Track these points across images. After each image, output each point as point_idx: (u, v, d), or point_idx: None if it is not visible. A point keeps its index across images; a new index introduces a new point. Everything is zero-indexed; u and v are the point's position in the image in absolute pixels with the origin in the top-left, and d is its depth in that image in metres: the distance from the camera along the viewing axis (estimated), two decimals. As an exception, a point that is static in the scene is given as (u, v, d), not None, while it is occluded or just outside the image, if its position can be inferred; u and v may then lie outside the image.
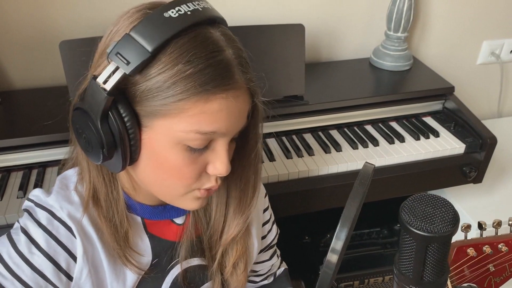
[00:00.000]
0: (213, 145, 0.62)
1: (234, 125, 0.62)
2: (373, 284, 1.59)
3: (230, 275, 0.80)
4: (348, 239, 0.58)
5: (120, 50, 0.55)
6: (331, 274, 0.49)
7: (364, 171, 0.52)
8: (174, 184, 0.64)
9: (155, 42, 0.55)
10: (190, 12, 0.57)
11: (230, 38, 0.61)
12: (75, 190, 0.70)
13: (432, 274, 0.52)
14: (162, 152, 0.61)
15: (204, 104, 0.57)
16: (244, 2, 1.43)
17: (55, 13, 1.31)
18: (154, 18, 0.56)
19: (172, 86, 0.56)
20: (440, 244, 0.49)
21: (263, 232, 0.88)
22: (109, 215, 0.69)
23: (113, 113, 0.57)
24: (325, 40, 1.59)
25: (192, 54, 0.56)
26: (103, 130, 0.58)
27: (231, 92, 0.58)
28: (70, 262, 0.68)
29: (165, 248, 0.76)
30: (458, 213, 0.49)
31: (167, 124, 0.58)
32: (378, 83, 1.50)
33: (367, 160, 1.26)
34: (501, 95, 1.89)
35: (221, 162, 0.62)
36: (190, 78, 0.56)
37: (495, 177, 1.59)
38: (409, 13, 1.47)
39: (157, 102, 0.57)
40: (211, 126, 0.59)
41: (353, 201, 0.49)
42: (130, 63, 0.55)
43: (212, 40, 0.58)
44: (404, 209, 0.51)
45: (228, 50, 0.59)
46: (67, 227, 0.67)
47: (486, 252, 0.72)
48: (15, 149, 1.13)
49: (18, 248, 0.65)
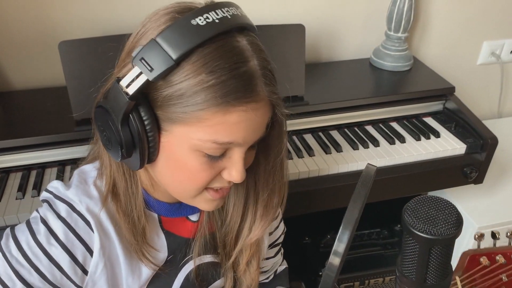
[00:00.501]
0: (230, 153, 0.62)
1: (251, 136, 0.62)
2: (373, 285, 1.59)
3: (243, 273, 0.81)
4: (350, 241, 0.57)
5: (145, 56, 0.55)
6: (333, 277, 0.48)
7: (366, 172, 0.51)
8: (189, 186, 0.65)
9: (180, 50, 0.54)
10: (218, 20, 0.56)
11: (257, 48, 0.60)
12: (94, 184, 0.71)
13: (435, 277, 0.51)
14: (180, 156, 0.61)
15: (223, 116, 0.57)
16: (244, 2, 1.42)
17: (54, 13, 1.31)
18: (181, 25, 0.55)
19: (194, 95, 0.56)
20: (444, 247, 0.49)
21: (270, 228, 0.89)
22: (128, 209, 0.70)
23: (133, 116, 0.58)
24: (325, 40, 1.59)
25: (216, 65, 0.56)
26: (123, 131, 0.58)
27: (251, 105, 0.58)
28: (86, 256, 0.69)
29: (180, 244, 0.77)
30: (461, 215, 0.49)
31: (185, 131, 0.59)
32: (379, 83, 1.50)
33: (368, 161, 1.25)
34: (501, 96, 1.89)
35: (236, 170, 0.63)
36: (211, 88, 0.56)
37: (496, 178, 1.59)
38: (410, 13, 1.46)
39: (178, 109, 0.57)
40: (228, 137, 0.59)
41: (355, 203, 0.48)
42: (153, 70, 0.55)
43: (238, 50, 0.58)
44: (407, 211, 0.50)
45: (253, 61, 0.58)
46: (85, 221, 0.68)
47: (499, 262, 0.71)
48: (14, 150, 1.12)
49: (37, 238, 0.66)
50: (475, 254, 0.71)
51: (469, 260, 0.71)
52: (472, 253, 0.72)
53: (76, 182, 0.71)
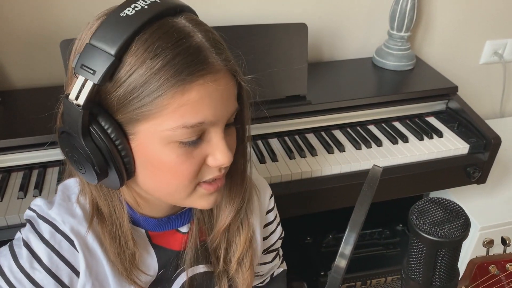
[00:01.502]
0: (208, 136, 0.59)
1: (221, 110, 0.58)
2: (375, 285, 1.59)
3: (236, 272, 0.78)
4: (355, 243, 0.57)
5: (84, 61, 0.53)
6: (339, 279, 0.48)
7: (373, 174, 0.51)
8: (177, 186, 0.61)
9: (117, 44, 0.53)
10: (148, 6, 0.55)
11: (197, 22, 0.58)
12: (77, 202, 0.68)
13: (442, 279, 0.51)
14: (155, 155, 0.58)
15: (182, 96, 0.55)
16: (246, 1, 1.42)
17: (55, 12, 1.30)
18: (111, 21, 0.54)
19: (145, 85, 0.54)
20: (451, 249, 0.49)
21: (265, 233, 0.87)
22: (113, 232, 0.67)
23: (94, 128, 0.55)
24: (327, 40, 1.58)
25: (157, 46, 0.53)
26: (88, 147, 0.56)
27: (208, 77, 0.55)
28: (73, 277, 0.67)
29: (171, 258, 0.74)
30: (469, 218, 0.48)
31: (151, 126, 0.56)
32: (381, 82, 1.49)
33: (371, 161, 1.25)
34: (504, 95, 1.88)
35: (220, 152, 0.59)
36: (160, 72, 0.53)
37: (499, 178, 1.58)
38: (412, 12, 1.45)
39: (135, 106, 0.55)
40: (196, 117, 0.56)
41: (361, 206, 0.48)
42: (96, 72, 0.53)
43: (177, 28, 0.56)
44: (413, 213, 0.50)
45: (196, 35, 0.56)
46: (69, 240, 0.66)
47: (509, 270, 0.67)
48: (16, 149, 1.12)
49: (20, 262, 0.64)
50: (483, 262, 0.67)
51: (477, 269, 0.67)
52: (480, 261, 0.68)
53: (59, 200, 0.68)
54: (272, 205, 0.87)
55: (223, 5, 1.40)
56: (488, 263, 0.68)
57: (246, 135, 0.70)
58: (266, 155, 1.24)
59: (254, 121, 1.24)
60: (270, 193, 0.86)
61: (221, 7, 1.40)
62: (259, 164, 1.21)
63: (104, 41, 0.53)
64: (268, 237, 0.88)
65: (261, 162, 1.22)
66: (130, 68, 0.54)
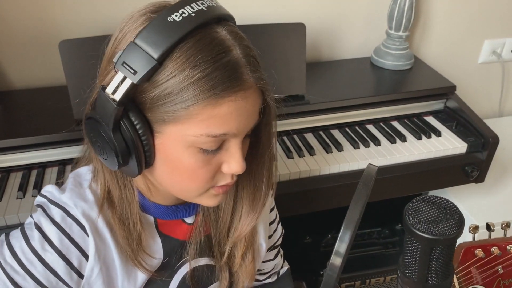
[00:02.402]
0: (226, 145, 0.62)
1: (245, 125, 0.61)
2: (374, 284, 1.59)
3: (239, 267, 0.80)
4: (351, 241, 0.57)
5: (126, 60, 0.55)
6: (335, 277, 0.48)
7: (368, 172, 0.51)
8: (190, 186, 0.65)
9: (161, 49, 0.54)
10: (194, 14, 0.56)
11: (238, 36, 0.60)
12: (89, 188, 0.70)
13: (437, 277, 0.51)
14: (176, 156, 0.61)
15: (213, 108, 0.57)
16: (244, 1, 1.43)
17: (54, 12, 1.31)
18: (158, 24, 0.55)
19: (181, 92, 0.56)
20: (445, 247, 0.49)
21: (269, 231, 0.89)
22: (123, 216, 0.69)
23: (124, 122, 0.58)
24: (326, 39, 1.58)
25: (198, 58, 0.55)
26: (116, 139, 0.58)
27: (240, 94, 0.58)
28: (82, 260, 0.68)
29: (175, 247, 0.77)
30: (463, 215, 0.49)
31: (178, 129, 0.58)
32: (379, 82, 1.50)
33: (369, 160, 1.25)
34: (502, 94, 1.88)
35: (236, 161, 0.62)
36: (198, 83, 0.55)
37: (497, 177, 1.58)
38: (410, 12, 1.46)
39: (167, 109, 0.57)
40: (222, 129, 0.59)
41: (356, 203, 0.48)
42: (137, 73, 0.54)
43: (218, 40, 0.57)
44: (408, 211, 0.50)
45: (235, 50, 0.58)
46: (80, 225, 0.68)
47: (494, 254, 0.71)
48: (15, 149, 1.12)
49: (32, 244, 0.66)
50: (470, 247, 0.71)
51: (464, 253, 0.70)
52: (467, 245, 0.71)
53: (70, 185, 0.71)
54: (273, 203, 0.90)
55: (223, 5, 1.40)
56: (474, 247, 0.71)
57: (273, 151, 0.72)
58: (265, 154, 1.25)
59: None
60: (271, 192, 0.87)
61: (219, 7, 1.40)
62: (258, 163, 1.22)
63: (148, 44, 0.54)
64: (272, 235, 0.90)
65: (259, 162, 1.22)
66: (169, 73, 0.55)
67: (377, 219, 1.66)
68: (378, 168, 1.24)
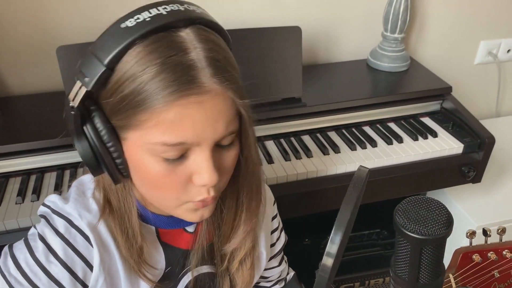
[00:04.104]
0: (193, 155, 0.59)
1: (207, 132, 0.57)
2: (373, 286, 1.60)
3: (236, 270, 0.79)
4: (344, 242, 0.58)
5: (82, 68, 0.56)
6: (326, 278, 0.49)
7: (358, 174, 0.52)
8: (163, 195, 0.62)
9: (109, 54, 0.54)
10: (150, 18, 0.54)
11: (204, 38, 0.57)
12: (93, 197, 0.69)
13: (427, 276, 0.52)
14: (143, 163, 0.59)
15: (160, 114, 0.54)
16: (241, 5, 1.44)
17: (52, 18, 1.32)
18: (111, 30, 0.55)
19: (131, 96, 0.55)
20: (435, 247, 0.49)
21: (272, 240, 0.88)
22: (123, 226, 0.68)
23: (88, 128, 0.57)
24: (322, 42, 1.59)
25: (147, 61, 0.53)
26: (81, 145, 0.58)
27: (192, 98, 0.54)
28: (86, 271, 0.68)
29: (178, 256, 0.76)
30: (452, 215, 0.49)
31: (138, 135, 0.57)
32: (376, 84, 1.50)
33: (366, 161, 1.26)
34: (499, 95, 1.89)
35: (205, 172, 0.58)
36: (145, 86, 0.54)
37: (494, 177, 1.59)
38: (406, 14, 1.47)
39: (124, 115, 0.56)
40: (176, 137, 0.56)
41: (347, 205, 0.49)
42: (88, 79, 0.55)
43: (175, 42, 0.55)
44: (398, 212, 0.51)
45: (194, 51, 0.55)
46: (84, 236, 0.67)
47: (491, 258, 0.72)
48: (13, 155, 1.13)
49: (36, 255, 0.65)
50: (467, 252, 0.72)
51: (461, 258, 0.72)
52: (464, 250, 0.72)
53: (74, 195, 0.70)
54: (275, 211, 0.88)
55: (219, 9, 1.41)
56: (472, 252, 0.72)
57: (254, 160, 0.69)
58: (262, 157, 1.25)
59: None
60: (273, 200, 0.88)
61: (217, 11, 1.41)
62: (255, 166, 1.22)
63: (99, 50, 0.55)
64: (275, 244, 0.89)
65: (257, 165, 1.23)
66: (120, 78, 0.55)
67: (375, 221, 1.67)
68: (375, 169, 1.26)
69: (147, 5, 0.56)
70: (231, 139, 0.61)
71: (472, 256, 0.72)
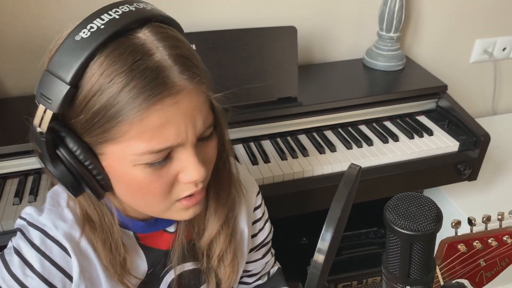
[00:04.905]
0: (176, 154, 0.58)
1: (188, 130, 0.56)
2: (371, 284, 1.60)
3: (218, 267, 0.78)
4: (337, 240, 0.58)
5: (42, 90, 0.53)
6: (318, 275, 0.49)
7: (349, 172, 0.53)
8: (152, 201, 0.61)
9: (71, 71, 0.51)
10: (104, 25, 0.52)
11: (164, 36, 0.55)
12: (68, 206, 0.68)
13: (418, 272, 0.53)
14: (126, 174, 0.58)
15: (141, 122, 0.53)
16: (235, 5, 1.44)
17: (49, 20, 1.32)
18: (66, 45, 0.52)
19: (103, 110, 0.52)
20: (425, 242, 0.50)
21: (253, 230, 0.87)
22: (106, 241, 0.67)
23: (61, 151, 0.55)
24: (317, 42, 1.60)
25: (113, 71, 0.51)
26: (58, 169, 0.56)
27: (167, 100, 0.53)
28: (66, 282, 0.67)
29: (159, 257, 0.75)
30: (441, 211, 0.50)
31: (117, 150, 0.56)
32: (372, 83, 1.51)
33: (362, 160, 1.26)
34: (495, 93, 1.90)
35: (192, 168, 0.58)
36: (117, 98, 0.52)
37: (491, 175, 1.60)
38: (401, 13, 1.47)
39: (99, 130, 0.54)
40: (162, 142, 0.55)
41: (337, 202, 0.50)
42: (53, 101, 0.52)
43: (136, 46, 0.53)
44: (388, 208, 0.51)
45: (158, 52, 0.53)
46: (61, 246, 0.66)
47: (476, 247, 0.72)
48: (11, 156, 1.13)
49: (12, 270, 0.64)
50: (453, 242, 0.72)
51: (447, 248, 0.72)
52: (449, 240, 0.72)
53: (48, 205, 0.68)
54: (259, 202, 0.87)
55: (215, 9, 1.41)
56: (457, 242, 0.72)
57: (226, 147, 0.68)
58: (259, 156, 1.26)
59: (247, 123, 1.27)
60: (257, 190, 0.86)
61: (212, 11, 1.41)
62: (252, 165, 1.23)
63: (59, 68, 0.52)
64: (256, 234, 0.88)
65: (253, 164, 1.23)
66: (87, 94, 0.53)
67: (373, 219, 1.68)
68: (371, 167, 1.26)
69: (96, 11, 0.54)
70: (210, 131, 0.61)
71: (458, 246, 0.72)
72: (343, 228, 0.59)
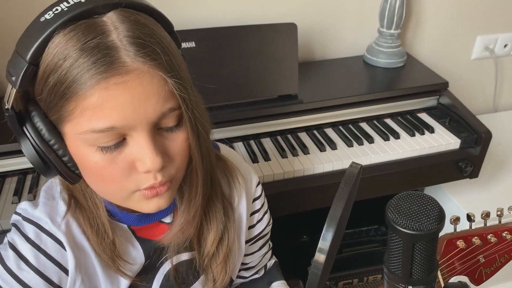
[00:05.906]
0: (131, 141, 0.57)
1: (137, 113, 0.54)
2: (372, 282, 1.60)
3: (210, 261, 0.77)
4: (339, 239, 0.58)
5: (9, 68, 0.56)
6: (319, 275, 0.49)
7: (350, 171, 0.52)
8: (109, 187, 0.60)
9: (30, 49, 0.53)
10: (67, 8, 0.53)
11: (127, 19, 0.55)
12: (62, 199, 0.68)
13: (420, 272, 0.52)
14: (82, 156, 0.58)
15: (84, 100, 0.52)
16: (235, 2, 1.43)
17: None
18: (31, 26, 0.55)
19: (56, 88, 0.54)
20: (427, 242, 0.49)
21: (251, 221, 0.85)
22: (92, 221, 0.67)
23: (27, 128, 0.57)
24: (318, 39, 1.59)
25: (65, 49, 0.52)
26: (26, 148, 0.58)
27: (113, 79, 0.52)
28: (61, 275, 0.67)
29: (155, 247, 0.75)
30: (443, 210, 0.49)
31: (69, 129, 0.56)
32: (372, 80, 1.50)
33: (362, 157, 1.26)
34: (496, 90, 1.89)
35: (146, 156, 0.56)
36: (66, 74, 0.53)
37: (492, 172, 1.59)
38: (401, 9, 1.46)
39: (56, 108, 0.55)
40: (103, 122, 0.53)
41: (338, 201, 0.49)
42: (15, 78, 0.54)
43: (94, 27, 0.53)
44: (390, 207, 0.51)
45: (115, 32, 0.53)
46: (56, 240, 0.66)
47: (475, 244, 0.72)
48: (10, 154, 1.12)
49: (7, 264, 0.65)
50: (452, 238, 0.71)
51: (446, 245, 0.71)
52: (448, 237, 0.71)
53: (43, 199, 0.69)
54: (259, 193, 0.85)
55: (214, 6, 1.41)
56: (456, 238, 0.71)
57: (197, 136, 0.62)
58: (259, 154, 1.25)
59: (246, 121, 1.27)
60: (256, 181, 0.84)
61: (212, 8, 1.41)
62: (252, 163, 1.22)
63: (22, 47, 0.54)
64: (254, 225, 0.87)
65: (253, 162, 1.23)
66: (44, 71, 0.54)
67: (373, 217, 1.67)
68: (372, 165, 1.26)
69: None
70: (173, 120, 0.58)
71: (457, 242, 0.71)
72: (344, 228, 0.59)
